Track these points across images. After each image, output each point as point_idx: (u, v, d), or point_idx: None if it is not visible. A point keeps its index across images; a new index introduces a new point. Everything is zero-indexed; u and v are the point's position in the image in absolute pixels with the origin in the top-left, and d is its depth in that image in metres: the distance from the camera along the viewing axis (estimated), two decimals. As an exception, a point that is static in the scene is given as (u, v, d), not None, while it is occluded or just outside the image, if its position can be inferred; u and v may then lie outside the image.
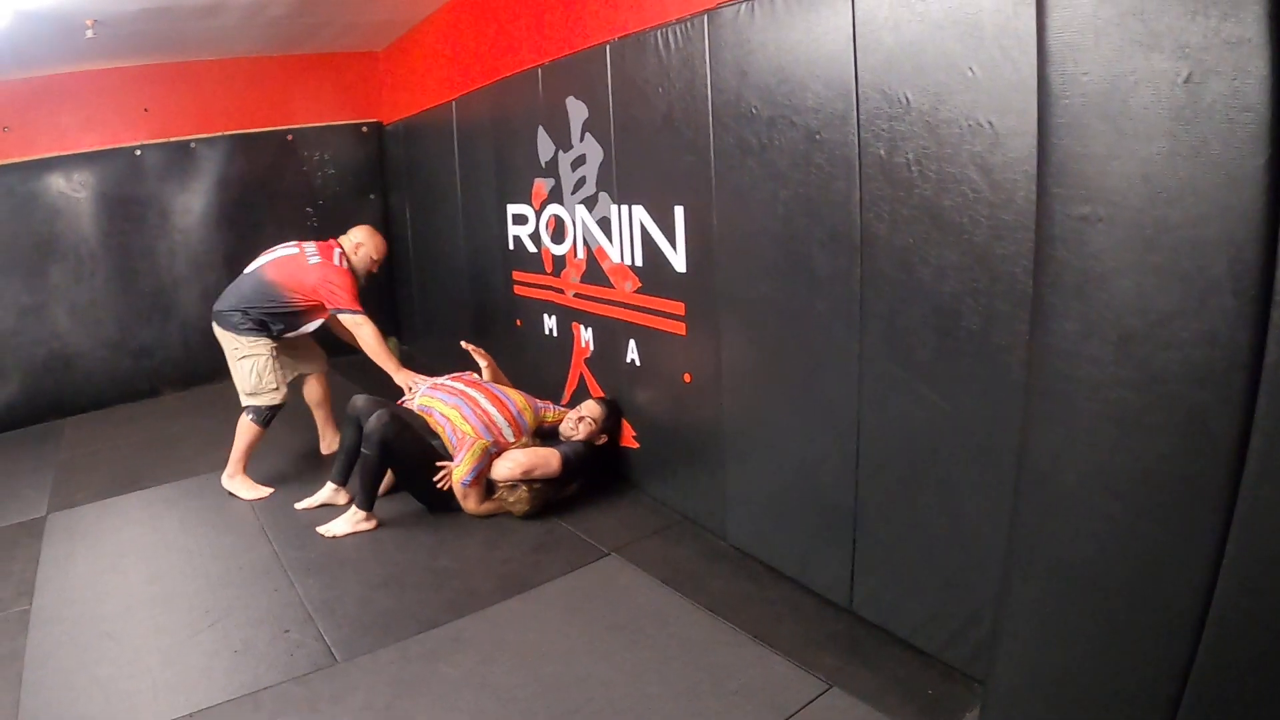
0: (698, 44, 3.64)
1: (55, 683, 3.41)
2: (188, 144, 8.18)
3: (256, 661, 3.41)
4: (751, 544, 3.89)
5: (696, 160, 3.72)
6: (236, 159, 8.37)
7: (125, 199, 7.95)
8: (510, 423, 4.64)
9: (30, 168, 7.58)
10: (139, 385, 8.09)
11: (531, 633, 3.44)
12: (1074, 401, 2.20)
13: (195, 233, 8.27)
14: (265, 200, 8.48)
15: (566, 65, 4.77)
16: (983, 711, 2.56)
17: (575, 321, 5.05)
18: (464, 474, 4.37)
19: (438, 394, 4.79)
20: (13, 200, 7.47)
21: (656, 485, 4.60)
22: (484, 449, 4.43)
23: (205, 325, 8.04)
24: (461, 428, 4.52)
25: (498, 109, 5.78)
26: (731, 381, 3.80)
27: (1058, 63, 2.09)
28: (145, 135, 8.03)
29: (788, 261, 3.31)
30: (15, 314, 7.55)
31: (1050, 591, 2.36)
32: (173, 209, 8.17)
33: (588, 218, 4.67)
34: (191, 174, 8.22)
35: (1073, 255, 2.14)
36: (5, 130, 7.50)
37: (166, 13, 6.08)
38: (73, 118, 7.77)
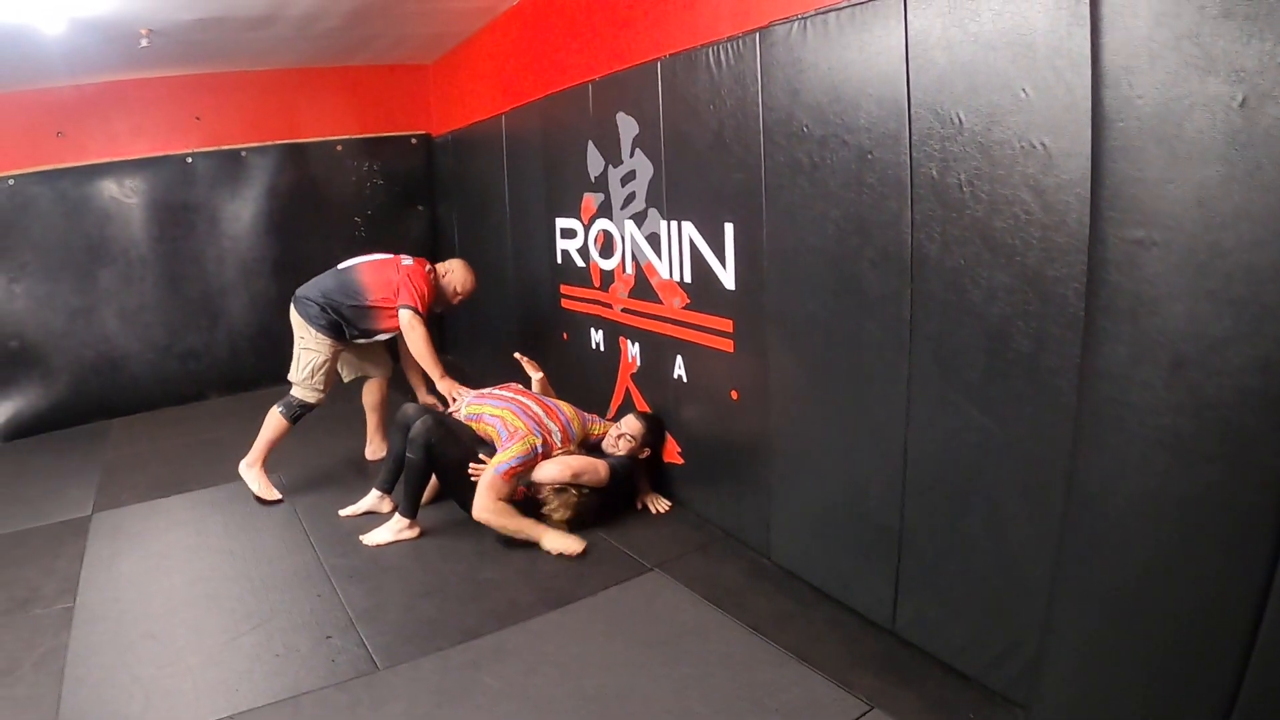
0: (749, 61, 3.68)
1: (96, 680, 3.50)
2: (238, 152, 8.37)
3: (298, 666, 3.48)
4: (795, 563, 3.91)
5: (747, 178, 3.76)
6: (286, 168, 8.54)
7: (176, 205, 8.15)
8: (560, 429, 4.69)
9: (83, 172, 7.80)
10: (185, 389, 8.27)
11: (573, 646, 3.48)
12: (1124, 426, 2.20)
13: (244, 240, 8.45)
14: (314, 209, 8.65)
15: (617, 81, 4.83)
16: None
17: (622, 336, 5.10)
18: (504, 460, 4.39)
19: (486, 401, 4.86)
20: (65, 204, 7.69)
21: (701, 501, 4.63)
22: (532, 445, 4.47)
23: (252, 331, 8.35)
24: (514, 423, 4.59)
25: (547, 123, 5.86)
26: (779, 400, 3.82)
27: (1112, 85, 2.10)
28: (196, 143, 8.22)
29: (838, 281, 3.33)
30: (66, 316, 7.76)
31: (1097, 617, 2.36)
32: (222, 216, 8.36)
33: (637, 233, 4.73)
34: (241, 182, 8.40)
35: (1125, 279, 2.15)
36: (59, 135, 7.74)
37: (221, 23, 6.23)
38: (125, 124, 7.99)
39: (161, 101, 8.09)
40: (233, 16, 6.10)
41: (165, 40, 6.38)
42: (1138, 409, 2.17)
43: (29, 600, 4.21)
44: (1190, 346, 1.99)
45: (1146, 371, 2.14)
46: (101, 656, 3.68)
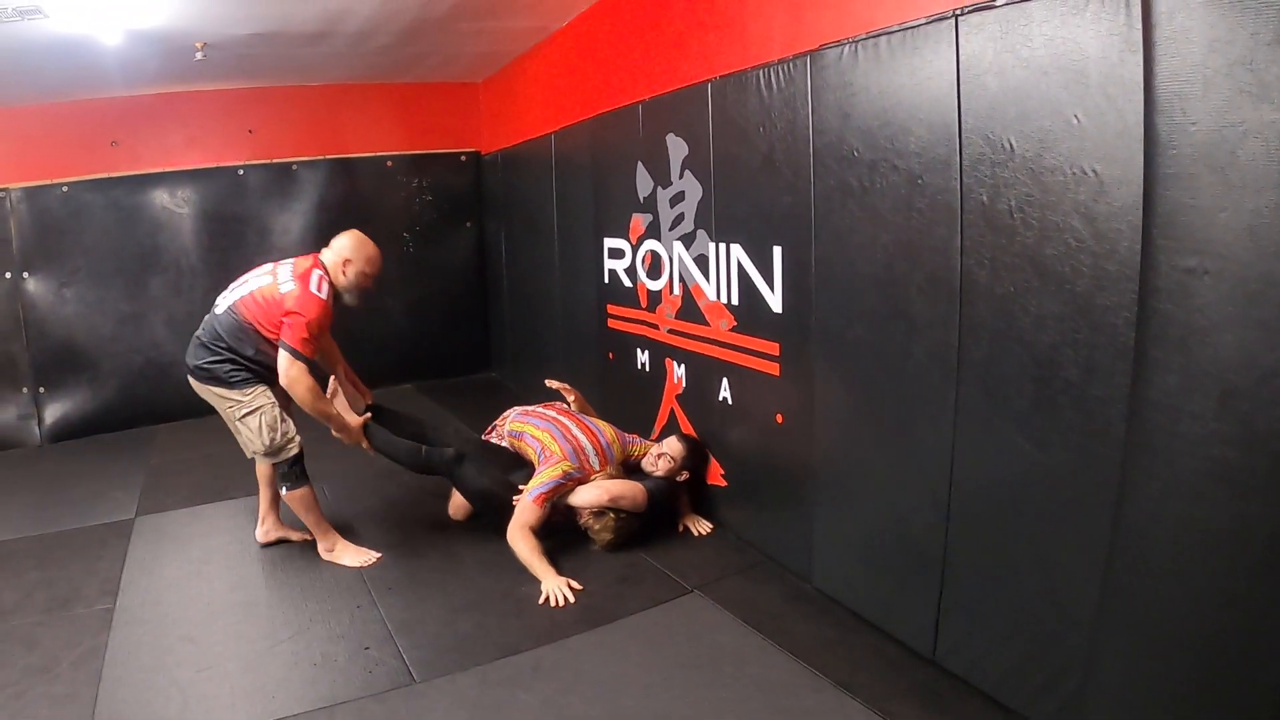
0: (800, 85, 3.72)
1: (134, 681, 3.59)
2: (289, 166, 8.58)
3: (335, 675, 3.54)
4: (836, 588, 3.91)
5: (796, 201, 3.79)
6: (336, 182, 8.73)
7: (227, 216, 8.37)
8: (598, 452, 4.72)
9: (136, 182, 8.06)
10: None
11: (611, 665, 3.50)
12: (1174, 457, 2.20)
13: (293, 252, 8.35)
14: (363, 224, 8.55)
15: (667, 102, 4.89)
16: (1069, 771, 2.55)
17: (668, 357, 5.13)
18: (538, 484, 4.46)
19: (530, 419, 4.93)
20: (118, 212, 7.93)
21: (743, 524, 4.64)
22: (566, 471, 4.52)
23: None
24: (551, 447, 4.64)
25: (597, 143, 5.94)
26: (824, 424, 3.83)
27: (1165, 112, 2.12)
28: (248, 156, 8.45)
29: (886, 306, 3.35)
30: (115, 321, 7.99)
31: (1144, 650, 2.36)
32: (272, 228, 8.57)
33: (685, 254, 4.77)
34: (292, 195, 8.61)
35: (1177, 308, 2.15)
36: (113, 145, 7.99)
37: (275, 38, 6.40)
38: (179, 135, 8.23)
39: (215, 114, 8.33)
40: (287, 31, 6.26)
41: (220, 53, 6.56)
42: (1187, 440, 2.17)
43: (70, 600, 4.33)
44: (1241, 377, 1.99)
45: (1197, 402, 2.14)
46: (140, 658, 3.77)
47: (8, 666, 3.77)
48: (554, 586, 4.10)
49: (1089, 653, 2.59)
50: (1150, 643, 2.33)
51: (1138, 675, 2.40)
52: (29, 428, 7.82)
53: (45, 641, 3.96)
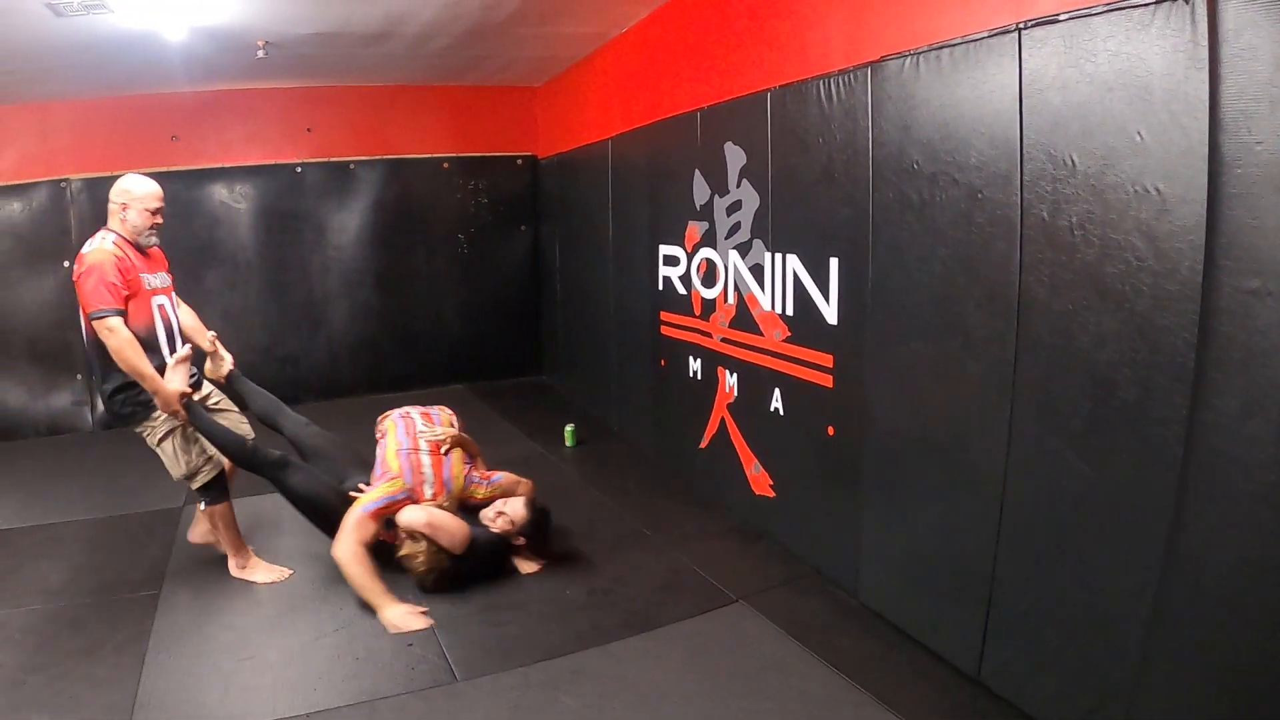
0: (860, 96, 3.74)
1: (177, 667, 3.70)
2: (347, 165, 8.78)
3: (377, 671, 3.62)
4: (882, 603, 3.91)
5: (854, 213, 3.81)
6: (393, 182, 8.92)
7: (284, 213, 8.61)
8: (437, 481, 4.54)
9: (195, 176, 8.32)
10: (282, 392, 8.40)
11: (653, 672, 3.54)
12: (1232, 482, 2.19)
13: (349, 250, 8.85)
14: (419, 224, 9.02)
15: (726, 110, 4.93)
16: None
17: (721, 366, 5.17)
18: (371, 499, 4.30)
19: (400, 423, 4.83)
20: (176, 206, 8.04)
21: (789, 535, 4.66)
22: (400, 488, 4.39)
23: (352, 340, 8.80)
24: (389, 463, 4.53)
25: (654, 150, 6.00)
26: (876, 438, 3.84)
27: (1231, 130, 2.11)
28: (307, 154, 8.67)
29: (942, 321, 3.35)
30: None
31: (1193, 680, 2.34)
32: (329, 226, 8.78)
33: (740, 263, 4.80)
34: (349, 194, 8.81)
35: (1238, 330, 2.14)
36: (174, 139, 8.24)
37: (337, 38, 6.53)
38: (238, 132, 8.47)
39: (274, 112, 8.56)
40: (349, 32, 6.38)
41: (281, 52, 6.72)
42: (1245, 464, 2.16)
43: (116, 584, 4.48)
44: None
45: (1257, 426, 2.13)
46: (183, 645, 3.89)
47: (52, 647, 3.91)
48: (397, 616, 4.00)
49: (1136, 680, 2.58)
50: (1200, 672, 2.31)
51: (1186, 706, 2.39)
52: (82, 414, 8.14)
53: (90, 624, 4.11)
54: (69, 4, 4.99)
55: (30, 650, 3.89)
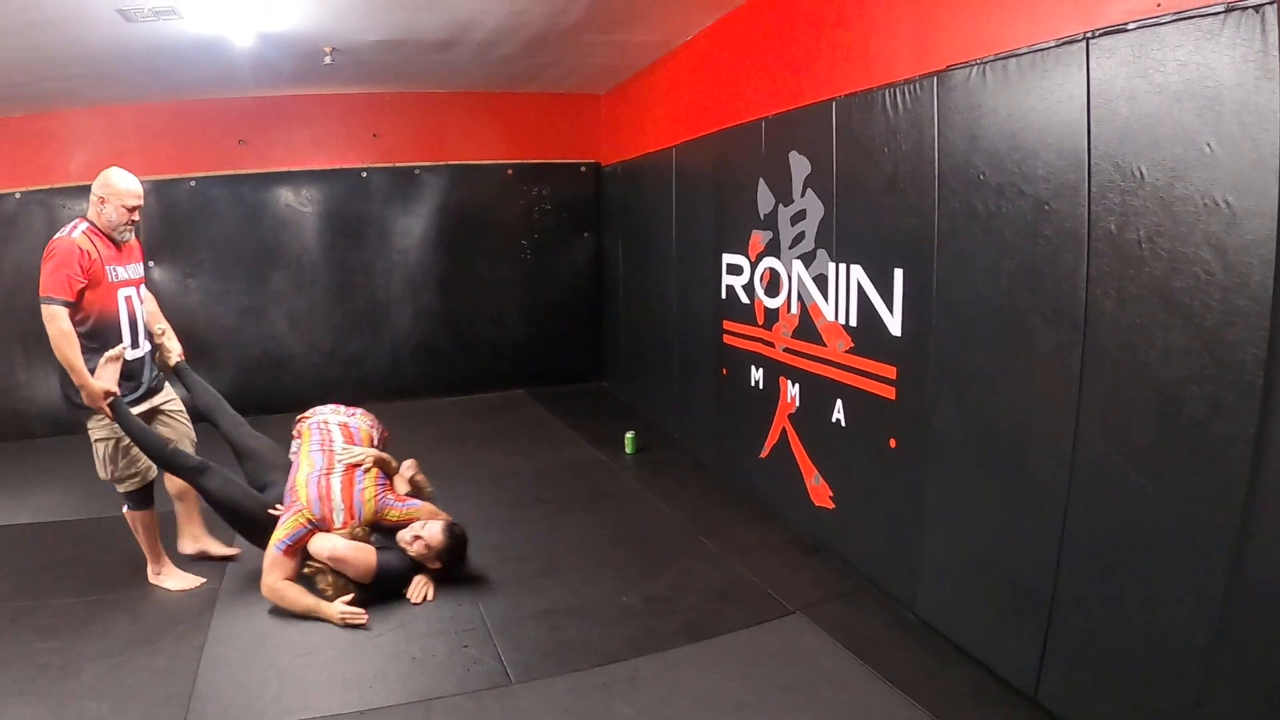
0: (927, 105, 3.75)
1: (234, 660, 3.84)
2: (412, 170, 8.98)
3: (433, 671, 3.71)
4: (939, 618, 3.91)
5: (919, 223, 3.82)
6: (457, 188, 9.10)
7: (349, 217, 8.83)
8: (347, 508, 4.45)
9: (262, 180, 8.59)
10: (345, 392, 8.70)
11: (709, 681, 3.57)
12: (1302, 504, 2.16)
13: (413, 254, 9.05)
14: (482, 230, 9.18)
15: (790, 119, 4.97)
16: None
17: (783, 376, 5.20)
18: (280, 538, 4.31)
19: (316, 434, 4.83)
20: (243, 208, 8.46)
21: (848, 547, 4.67)
22: (305, 521, 4.34)
23: (414, 343, 9.02)
24: (298, 490, 4.46)
25: (718, 158, 6.05)
26: (938, 451, 3.84)
27: (1303, 142, 2.09)
28: (372, 159, 8.88)
29: (1007, 333, 3.35)
30: (237, 313, 8.57)
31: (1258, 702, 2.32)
32: (393, 230, 8.97)
33: (804, 273, 4.83)
34: (413, 199, 9.00)
35: (1310, 346, 2.12)
36: (241, 143, 8.51)
37: (403, 45, 6.69)
38: (304, 136, 8.72)
39: (340, 117, 8.79)
40: (415, 39, 6.54)
41: (347, 59, 6.90)
42: (1314, 484, 2.14)
43: (175, 577, 4.64)
44: (1373, 420, 1.96)
45: (1327, 445, 2.11)
46: (241, 639, 4.02)
47: (111, 636, 4.07)
48: (337, 612, 4.11)
49: (1198, 702, 2.56)
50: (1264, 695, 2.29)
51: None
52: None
53: (149, 616, 4.27)
54: (140, 10, 5.18)
55: (90, 639, 4.05)
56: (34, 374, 8.17)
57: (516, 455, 6.92)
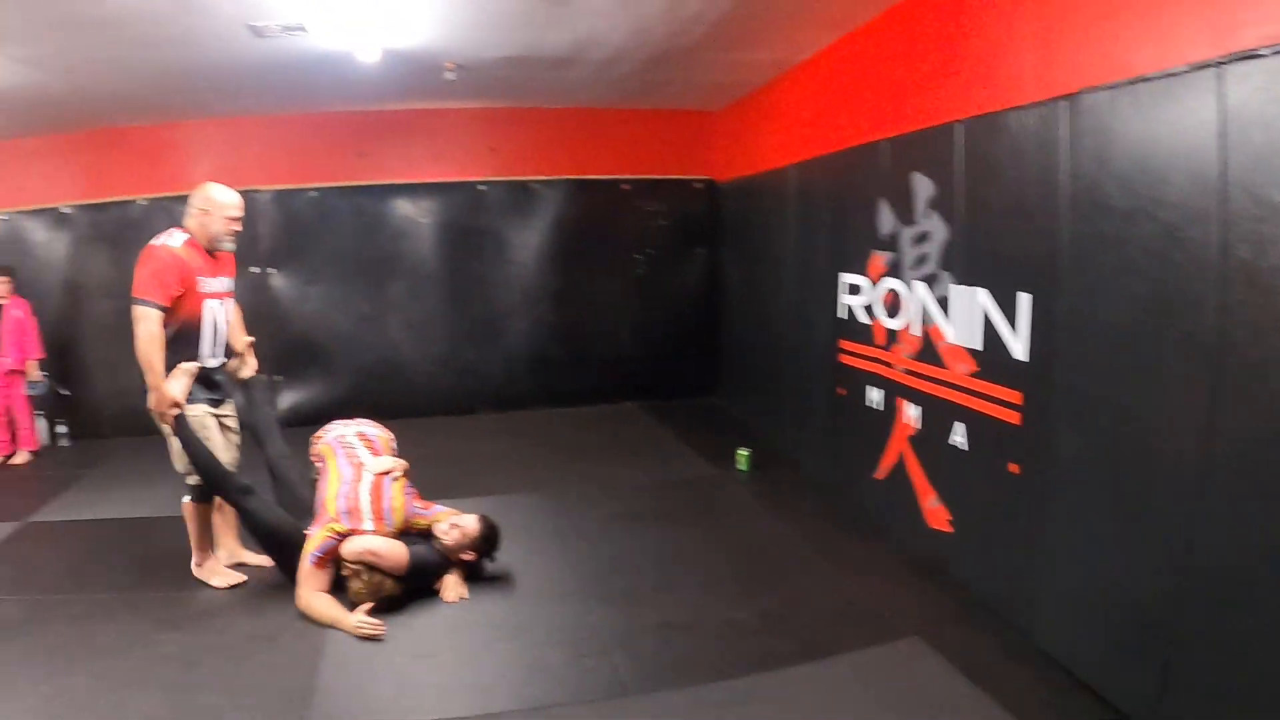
0: (1054, 128, 3.76)
1: (354, 659, 4.01)
2: (528, 184, 9.24)
3: (549, 679, 3.82)
4: (1056, 646, 3.87)
5: (1046, 247, 3.81)
6: (573, 202, 9.31)
7: (466, 229, 9.12)
8: (376, 515, 4.65)
9: (381, 191, 8.95)
10: (458, 402, 9.22)
11: (825, 702, 3.61)
12: None
13: (529, 267, 9.30)
14: (598, 244, 9.40)
15: (914, 140, 5.01)
16: None
17: (902, 397, 5.22)
18: (311, 550, 4.49)
19: (340, 451, 5.02)
20: (362, 219, 8.83)
21: (964, 571, 4.66)
22: (336, 532, 4.51)
23: (528, 354, 9.27)
24: (327, 504, 4.66)
25: (838, 177, 6.10)
26: (1060, 477, 3.82)
27: None
28: (489, 172, 9.17)
29: (1136, 362, 3.33)
30: (355, 320, 8.92)
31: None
32: (510, 243, 9.23)
33: (927, 295, 4.85)
34: (530, 212, 9.25)
35: None
36: (361, 155, 8.89)
37: (524, 62, 6.90)
38: (423, 150, 9.08)
39: (458, 131, 9.12)
40: (537, 56, 6.74)
41: (469, 74, 7.14)
42: None
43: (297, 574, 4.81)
44: None
45: None
46: (358, 641, 4.17)
47: (231, 630, 4.29)
48: (356, 623, 4.22)
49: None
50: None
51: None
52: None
53: (271, 612, 4.49)
54: (270, 26, 5.46)
55: (210, 633, 4.27)
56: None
57: (629, 468, 7.06)
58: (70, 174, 8.54)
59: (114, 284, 8.42)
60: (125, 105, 7.57)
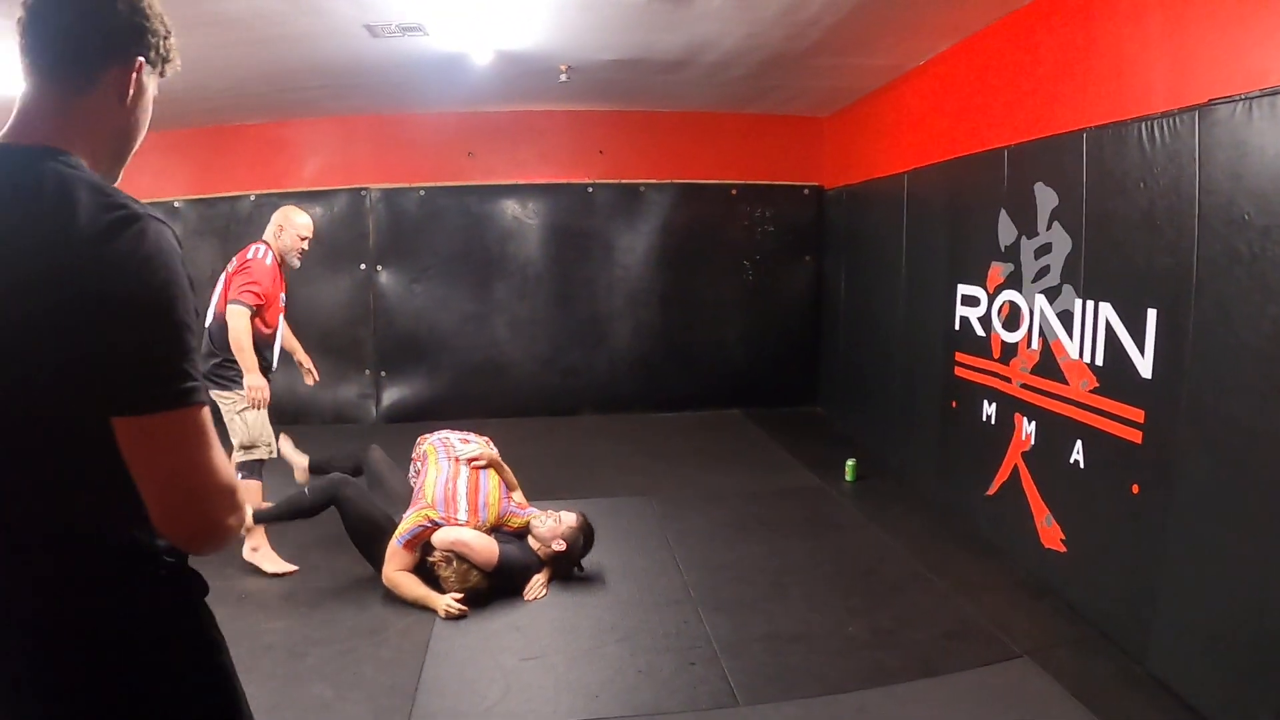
0: (1186, 140, 3.69)
1: (459, 658, 4.11)
2: (637, 187, 9.36)
3: (658, 686, 3.88)
4: (1172, 675, 3.79)
5: (1176, 263, 3.75)
6: (681, 206, 9.41)
7: (573, 231, 9.29)
8: (471, 508, 4.85)
9: (488, 191, 9.17)
10: (562, 402, 9.40)
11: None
12: None
13: (635, 270, 9.43)
14: (705, 249, 9.49)
15: (1036, 149, 4.96)
16: None
17: (1018, 412, 5.16)
18: (402, 532, 4.67)
19: (441, 450, 5.19)
20: (469, 219, 9.07)
21: (1077, 593, 4.59)
22: (428, 518, 4.68)
23: (633, 357, 9.41)
24: (425, 491, 4.88)
25: (955, 186, 6.07)
26: (1184, 501, 3.74)
27: None
28: (597, 175, 9.32)
29: (1268, 384, 3.25)
30: (460, 319, 9.18)
31: None
32: (617, 246, 9.39)
33: (1048, 308, 4.80)
34: (637, 215, 9.37)
35: None
36: (470, 155, 9.11)
37: (637, 64, 7.00)
38: (531, 151, 9.25)
39: (566, 133, 9.27)
40: (650, 59, 6.83)
41: (581, 77, 7.27)
42: None
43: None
44: None
45: None
46: (466, 637, 4.31)
47: (337, 623, 4.44)
48: (443, 603, 4.47)
49: None
50: None
51: None
52: (367, 406, 9.23)
53: (375, 606, 4.63)
54: (387, 26, 5.62)
55: (316, 624, 4.42)
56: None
57: (734, 476, 7.11)
58: (183, 169, 8.92)
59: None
60: (240, 103, 7.84)
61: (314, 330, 8.86)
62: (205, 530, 1.40)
